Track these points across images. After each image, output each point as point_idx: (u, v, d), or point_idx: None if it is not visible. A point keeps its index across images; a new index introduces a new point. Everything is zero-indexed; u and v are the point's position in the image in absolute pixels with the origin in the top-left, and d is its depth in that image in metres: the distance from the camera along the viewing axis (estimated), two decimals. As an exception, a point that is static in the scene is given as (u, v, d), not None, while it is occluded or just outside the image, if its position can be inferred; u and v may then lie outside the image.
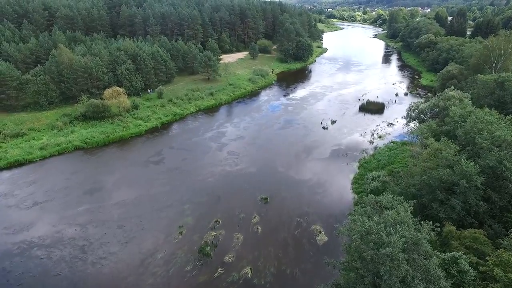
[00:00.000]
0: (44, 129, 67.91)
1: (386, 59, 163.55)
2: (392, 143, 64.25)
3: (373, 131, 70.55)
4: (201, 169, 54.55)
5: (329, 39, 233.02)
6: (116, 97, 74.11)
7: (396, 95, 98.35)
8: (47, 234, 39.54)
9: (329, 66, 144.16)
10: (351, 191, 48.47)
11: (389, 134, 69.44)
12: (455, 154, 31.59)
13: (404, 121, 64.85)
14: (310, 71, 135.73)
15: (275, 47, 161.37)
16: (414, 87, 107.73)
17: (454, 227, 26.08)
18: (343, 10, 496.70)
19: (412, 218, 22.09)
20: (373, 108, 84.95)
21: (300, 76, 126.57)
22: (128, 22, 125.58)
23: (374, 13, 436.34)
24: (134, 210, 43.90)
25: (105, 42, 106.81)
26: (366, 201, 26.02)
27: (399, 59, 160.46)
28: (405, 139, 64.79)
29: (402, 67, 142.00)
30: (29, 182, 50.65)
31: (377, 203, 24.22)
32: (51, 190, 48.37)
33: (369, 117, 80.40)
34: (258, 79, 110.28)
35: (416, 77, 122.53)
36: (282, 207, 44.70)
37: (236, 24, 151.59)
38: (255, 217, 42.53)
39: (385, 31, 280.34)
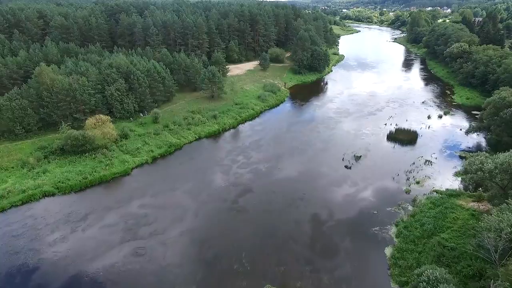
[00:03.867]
0: (12, 167, 57.27)
1: (410, 69, 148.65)
2: (436, 193, 51.03)
3: (408, 173, 57.29)
4: (178, 245, 40.72)
5: (345, 43, 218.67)
6: (100, 126, 63.17)
7: (429, 117, 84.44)
8: None
9: (347, 78, 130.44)
10: (390, 279, 35.72)
11: (429, 177, 56.05)
12: None
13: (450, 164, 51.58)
14: (326, 84, 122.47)
15: (288, 54, 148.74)
16: (448, 106, 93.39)
17: None
18: (359, 11, 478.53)
19: None
20: (403, 137, 71.53)
21: (315, 90, 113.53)
22: (127, 31, 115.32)
23: (391, 14, 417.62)
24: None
25: (100, 55, 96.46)
26: None
27: (425, 69, 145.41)
28: (452, 188, 51.66)
29: (429, 79, 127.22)
30: None
31: None
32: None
33: (400, 150, 67.06)
34: (269, 96, 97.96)
35: (448, 92, 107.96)
36: (296, 308, 32.38)
37: (246, 31, 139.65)
38: (258, 328, 30.36)
39: (404, 34, 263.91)
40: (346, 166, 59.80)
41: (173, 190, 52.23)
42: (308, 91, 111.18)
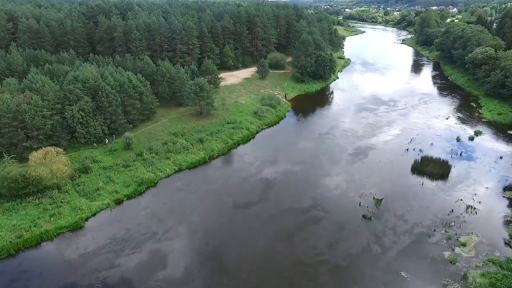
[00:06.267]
0: None
1: (424, 75, 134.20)
2: (492, 264, 37.15)
3: (447, 228, 43.32)
4: None
5: (350, 45, 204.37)
6: (49, 161, 49.54)
7: (458, 140, 70.37)
8: None
9: (355, 87, 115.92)
10: None
11: (477, 235, 42.03)
12: None
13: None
14: (332, 95, 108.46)
15: (289, 59, 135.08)
16: (477, 124, 79.29)
17: None
18: (363, 11, 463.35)
19: None
20: (432, 170, 57.23)
21: (319, 103, 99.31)
22: (107, 35, 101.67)
23: (397, 13, 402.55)
24: None
25: (71, 63, 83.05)
26: None
27: (440, 75, 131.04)
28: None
29: (448, 88, 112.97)
30: None
31: None
32: None
33: (430, 188, 53.06)
34: (267, 111, 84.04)
35: (473, 105, 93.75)
36: None
37: (243, 34, 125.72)
38: None
39: (412, 35, 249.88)
40: (364, 216, 45.84)
41: (115, 268, 37.00)
42: (312, 105, 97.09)
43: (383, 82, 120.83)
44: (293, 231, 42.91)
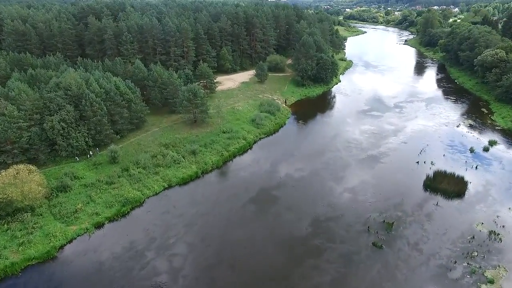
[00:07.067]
0: None
1: (429, 78, 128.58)
2: (525, 308, 31.92)
3: (469, 259, 38.01)
4: None
5: (351, 46, 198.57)
6: (21, 181, 44.24)
7: (472, 151, 65.08)
8: None
9: (358, 91, 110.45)
10: None
11: (505, 269, 36.71)
12: None
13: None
14: (334, 99, 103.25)
15: (289, 61, 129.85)
16: (490, 132, 74.02)
17: None
18: (363, 11, 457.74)
19: None
20: (447, 186, 51.90)
21: (321, 108, 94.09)
22: (97, 38, 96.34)
23: (398, 13, 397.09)
24: None
25: (56, 68, 77.92)
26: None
27: (446, 78, 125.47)
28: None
29: (455, 92, 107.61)
30: None
31: None
32: None
33: (445, 208, 47.76)
34: (265, 118, 78.80)
35: (484, 111, 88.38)
36: None
37: (241, 36, 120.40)
38: None
39: (414, 36, 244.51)
40: (374, 244, 40.54)
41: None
42: (313, 111, 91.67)
43: (387, 86, 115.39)
44: (291, 266, 37.44)
